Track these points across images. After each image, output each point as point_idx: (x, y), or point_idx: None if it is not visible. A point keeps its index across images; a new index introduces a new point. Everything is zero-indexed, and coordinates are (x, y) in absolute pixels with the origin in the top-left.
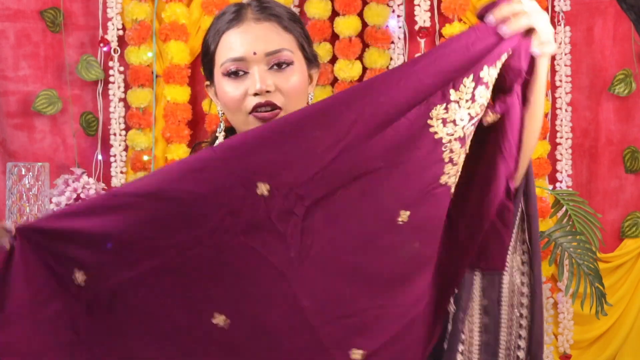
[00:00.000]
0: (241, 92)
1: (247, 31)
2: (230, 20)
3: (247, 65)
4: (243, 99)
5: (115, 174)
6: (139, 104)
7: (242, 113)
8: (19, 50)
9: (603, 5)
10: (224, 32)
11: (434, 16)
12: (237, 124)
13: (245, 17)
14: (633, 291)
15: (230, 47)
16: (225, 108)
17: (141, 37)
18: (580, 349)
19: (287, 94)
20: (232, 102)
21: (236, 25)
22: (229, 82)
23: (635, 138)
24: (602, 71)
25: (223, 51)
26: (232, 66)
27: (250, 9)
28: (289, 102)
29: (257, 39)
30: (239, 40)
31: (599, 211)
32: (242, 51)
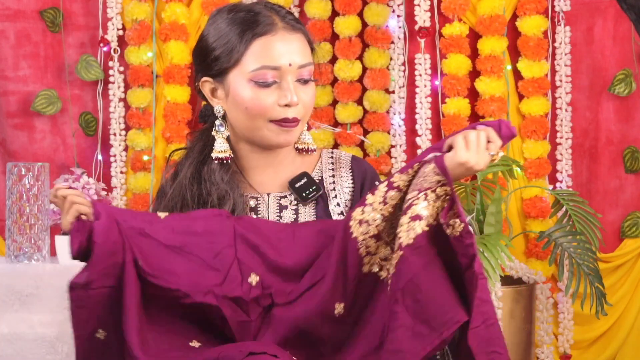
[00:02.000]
0: (271, 101)
1: (282, 40)
2: (261, 25)
3: (281, 75)
4: (271, 108)
5: (115, 174)
6: (139, 104)
7: (263, 120)
8: (19, 50)
9: (603, 5)
10: (258, 36)
11: (434, 16)
12: (249, 128)
13: (276, 25)
14: (633, 291)
15: (265, 54)
16: (242, 112)
17: (141, 37)
18: (580, 349)
19: (306, 107)
20: (257, 108)
21: (271, 33)
22: (257, 88)
23: (635, 138)
24: (602, 71)
25: (255, 57)
26: (266, 74)
27: (280, 18)
28: (306, 115)
29: (293, 51)
30: (276, 49)
31: (599, 211)
32: (278, 61)
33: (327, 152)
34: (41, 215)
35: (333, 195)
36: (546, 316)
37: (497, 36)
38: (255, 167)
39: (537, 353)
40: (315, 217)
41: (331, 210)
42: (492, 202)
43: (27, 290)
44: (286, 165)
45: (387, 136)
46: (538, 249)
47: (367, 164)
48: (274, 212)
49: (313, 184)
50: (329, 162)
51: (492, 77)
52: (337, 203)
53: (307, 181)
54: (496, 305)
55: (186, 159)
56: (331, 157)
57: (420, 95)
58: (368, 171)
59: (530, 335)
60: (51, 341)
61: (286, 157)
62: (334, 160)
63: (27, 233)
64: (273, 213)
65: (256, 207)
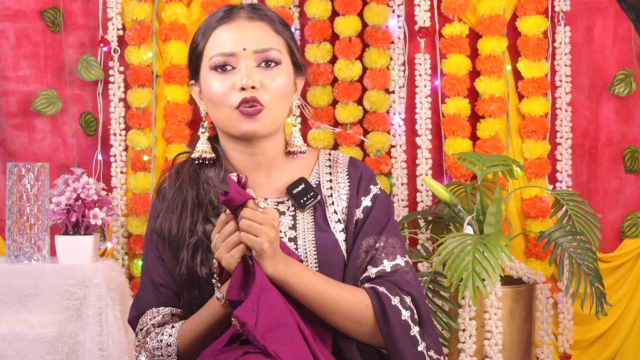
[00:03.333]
0: (228, 87)
1: (238, 28)
2: (222, 18)
3: (236, 60)
4: (229, 94)
5: (115, 174)
6: (139, 104)
7: (227, 108)
8: (19, 50)
9: (603, 5)
10: (215, 28)
11: (434, 16)
12: (221, 120)
13: (237, 15)
14: (633, 291)
15: (221, 42)
16: (210, 103)
17: (141, 37)
18: (580, 349)
19: (271, 93)
20: (217, 96)
21: (227, 22)
22: (215, 76)
23: (635, 138)
24: (602, 71)
25: (212, 46)
26: (221, 60)
27: (243, 10)
28: (272, 101)
29: (248, 36)
30: (230, 35)
31: (599, 211)
32: (232, 46)
33: (324, 154)
34: (41, 215)
35: (330, 202)
36: (546, 316)
37: (497, 36)
38: (246, 169)
39: (537, 353)
40: (314, 224)
41: (329, 217)
42: (492, 202)
43: (27, 290)
44: (279, 168)
45: (387, 136)
46: (538, 249)
47: (363, 167)
48: None
49: (311, 190)
50: (327, 164)
51: (492, 77)
52: (335, 210)
53: (304, 187)
54: (496, 306)
55: (185, 162)
56: (328, 159)
57: (420, 95)
58: (364, 174)
59: (530, 335)
60: (51, 341)
61: (277, 161)
62: (332, 163)
63: (27, 233)
64: None
65: None
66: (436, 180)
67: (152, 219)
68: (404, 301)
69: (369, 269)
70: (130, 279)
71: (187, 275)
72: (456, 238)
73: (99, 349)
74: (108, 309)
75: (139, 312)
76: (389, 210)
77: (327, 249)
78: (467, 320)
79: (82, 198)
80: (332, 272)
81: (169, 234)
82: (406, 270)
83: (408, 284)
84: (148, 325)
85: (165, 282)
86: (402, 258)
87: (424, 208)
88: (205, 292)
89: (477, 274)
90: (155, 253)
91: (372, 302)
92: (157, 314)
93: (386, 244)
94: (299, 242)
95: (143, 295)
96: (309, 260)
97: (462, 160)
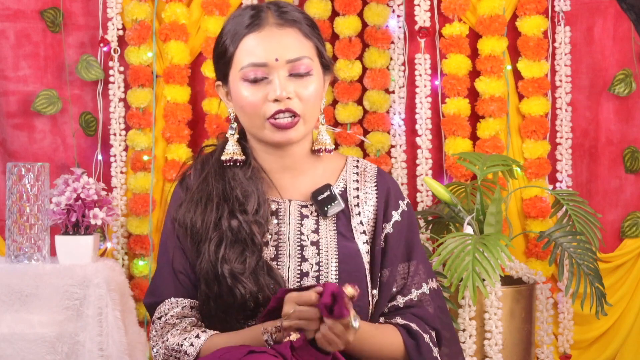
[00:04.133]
0: (260, 97)
1: (269, 36)
2: (251, 24)
3: (269, 71)
4: (262, 104)
5: (115, 174)
6: (139, 104)
7: (260, 118)
8: (19, 50)
9: (603, 5)
10: (245, 35)
11: (434, 16)
12: (251, 128)
13: (266, 21)
14: (633, 291)
15: (252, 51)
16: (241, 111)
17: (141, 37)
18: (580, 349)
19: (306, 102)
20: (250, 106)
21: (257, 30)
22: (248, 86)
23: (635, 138)
24: (602, 71)
25: (243, 55)
26: (253, 71)
27: (271, 13)
28: (307, 109)
29: (279, 45)
30: (261, 45)
31: (599, 211)
32: (264, 57)
33: (352, 161)
34: (41, 215)
35: (357, 212)
36: (546, 316)
37: (497, 36)
38: (272, 170)
39: (537, 353)
40: (336, 233)
41: (353, 227)
42: (492, 202)
43: (27, 290)
44: (305, 170)
45: (387, 136)
46: (538, 249)
47: (391, 181)
48: (295, 219)
49: (335, 198)
50: (354, 172)
51: (492, 77)
52: (360, 221)
53: (329, 195)
54: (496, 306)
55: (211, 156)
56: (356, 166)
57: (420, 95)
58: (392, 189)
59: (530, 335)
60: (51, 341)
61: (303, 162)
62: (359, 171)
63: (27, 233)
64: (294, 221)
65: (277, 211)
66: (436, 180)
67: (173, 206)
68: (432, 338)
69: (398, 298)
70: (130, 279)
71: (208, 270)
72: (456, 238)
73: (99, 349)
74: (108, 309)
75: (157, 298)
76: (416, 228)
77: (348, 257)
78: (467, 320)
79: (82, 198)
80: (351, 280)
81: (192, 226)
82: (430, 299)
83: (433, 318)
84: (167, 317)
85: (185, 271)
86: (426, 285)
87: (424, 208)
88: (223, 288)
89: (477, 274)
90: (175, 241)
91: (404, 340)
92: (177, 305)
93: (415, 272)
94: (322, 247)
95: (161, 281)
96: (329, 267)
97: (462, 160)
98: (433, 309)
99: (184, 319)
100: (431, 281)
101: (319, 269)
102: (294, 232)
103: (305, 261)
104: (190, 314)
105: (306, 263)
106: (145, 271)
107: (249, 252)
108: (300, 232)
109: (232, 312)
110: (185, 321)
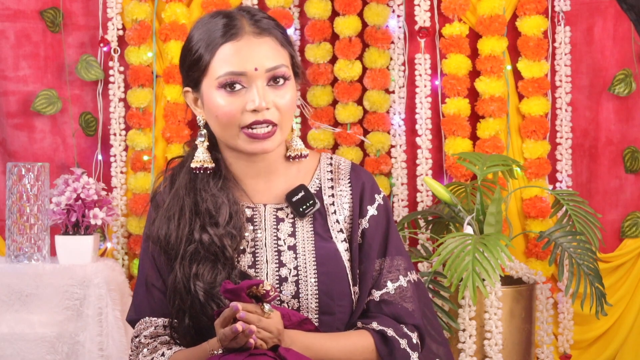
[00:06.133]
0: (237, 107)
1: (247, 46)
2: (226, 33)
3: (247, 80)
4: (238, 114)
5: (115, 174)
6: (139, 104)
7: (234, 127)
8: (19, 50)
9: (603, 5)
10: (222, 44)
11: (434, 16)
12: (224, 137)
13: (242, 29)
14: (633, 291)
15: (229, 60)
16: (215, 120)
17: (141, 37)
18: (580, 349)
19: (283, 111)
20: (225, 116)
21: (234, 39)
22: (224, 95)
23: (635, 138)
24: (602, 71)
25: (220, 64)
26: (231, 79)
27: (246, 21)
28: (284, 119)
29: (258, 55)
30: (239, 54)
31: (599, 211)
32: (243, 66)
33: (325, 158)
34: (41, 215)
35: (332, 211)
36: (546, 316)
37: (497, 36)
38: (246, 176)
39: (537, 353)
40: (313, 233)
41: (330, 226)
42: (492, 202)
43: (27, 290)
44: (279, 174)
45: (387, 136)
46: (538, 249)
47: (365, 175)
48: (271, 224)
49: (310, 197)
50: (328, 170)
51: (492, 77)
52: (337, 220)
53: (304, 195)
54: (496, 306)
55: (181, 167)
56: (330, 164)
57: (420, 95)
58: (366, 184)
59: (530, 335)
60: (51, 341)
61: (277, 166)
62: (333, 168)
63: (27, 233)
64: (270, 225)
65: (252, 217)
66: (436, 180)
67: (147, 225)
68: (411, 342)
69: (374, 292)
70: (130, 279)
71: (182, 285)
72: (456, 238)
73: (99, 349)
74: (108, 309)
75: (136, 316)
76: (392, 220)
77: (326, 259)
78: (467, 320)
79: (82, 198)
80: (332, 282)
81: (166, 241)
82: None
83: (411, 314)
84: (141, 337)
85: (160, 289)
86: (404, 278)
87: (424, 208)
88: (196, 303)
89: (477, 274)
90: (150, 259)
91: (377, 347)
92: (151, 324)
93: (391, 265)
94: (299, 250)
95: (138, 299)
96: (307, 269)
97: (462, 160)
98: (414, 305)
99: (157, 338)
100: (410, 274)
101: (297, 273)
102: (270, 238)
103: (284, 266)
104: (164, 332)
105: (284, 268)
106: None
107: (220, 265)
108: (276, 237)
109: (207, 326)
110: (156, 341)
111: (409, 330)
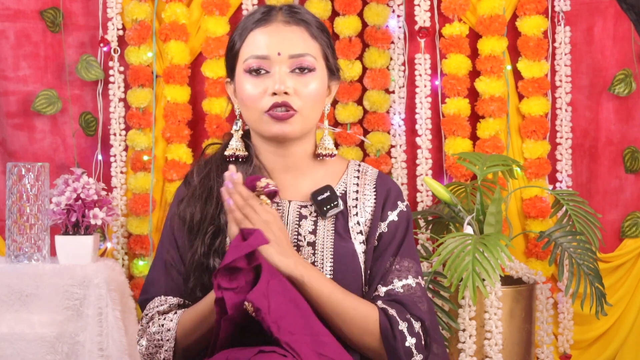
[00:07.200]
0: (260, 90)
1: (274, 31)
2: (259, 20)
3: (270, 64)
4: (261, 97)
5: (115, 174)
6: (139, 104)
7: (258, 111)
8: (19, 50)
9: (603, 5)
10: (252, 30)
11: (434, 16)
12: (251, 122)
13: (274, 18)
14: (633, 291)
15: (256, 44)
16: (242, 104)
17: (141, 37)
18: (580, 349)
19: (304, 99)
20: (249, 99)
21: (264, 25)
22: (249, 78)
23: (635, 138)
24: (602, 71)
25: (248, 48)
26: (255, 63)
27: (281, 13)
28: (305, 106)
29: (284, 41)
30: (265, 39)
31: (599, 211)
32: (267, 50)
33: (354, 165)
34: (41, 215)
35: (354, 212)
36: (546, 316)
37: (497, 36)
38: (275, 170)
39: (537, 353)
40: (334, 233)
41: (350, 227)
42: (492, 202)
43: (27, 290)
44: (306, 172)
45: (387, 136)
46: (538, 249)
47: (392, 183)
48: (294, 219)
49: (335, 199)
50: (355, 175)
51: (492, 77)
52: (357, 221)
53: (329, 195)
54: (496, 306)
55: (215, 154)
56: (358, 170)
57: (420, 95)
58: (392, 191)
59: (530, 335)
60: (51, 341)
61: (305, 163)
62: (360, 174)
63: (27, 233)
64: (292, 221)
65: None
66: (436, 180)
67: (175, 203)
68: (412, 327)
69: (379, 288)
70: (130, 279)
71: (200, 261)
72: (456, 238)
73: (99, 349)
74: (108, 309)
75: (149, 295)
76: (411, 230)
77: (344, 258)
78: (467, 320)
79: (82, 198)
80: (346, 282)
81: (191, 220)
82: (420, 295)
83: (418, 308)
84: (153, 312)
85: (177, 267)
86: (413, 279)
87: (424, 208)
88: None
89: (477, 274)
90: (171, 237)
91: (380, 320)
92: (165, 302)
93: (400, 266)
94: (317, 247)
95: (153, 278)
96: (324, 267)
97: (462, 160)
98: (423, 306)
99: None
100: (420, 279)
101: None
102: (291, 233)
103: None
104: (177, 310)
105: None
106: (145, 271)
107: None
108: (297, 232)
109: None
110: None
111: (413, 318)
